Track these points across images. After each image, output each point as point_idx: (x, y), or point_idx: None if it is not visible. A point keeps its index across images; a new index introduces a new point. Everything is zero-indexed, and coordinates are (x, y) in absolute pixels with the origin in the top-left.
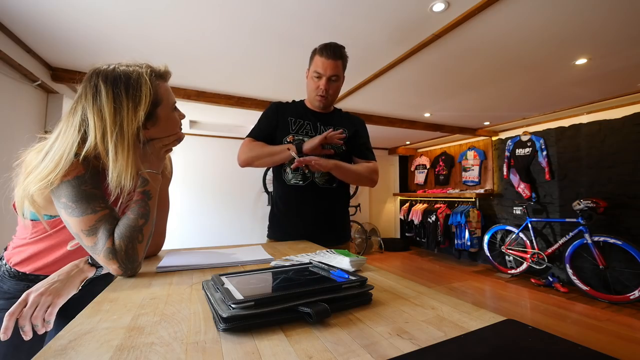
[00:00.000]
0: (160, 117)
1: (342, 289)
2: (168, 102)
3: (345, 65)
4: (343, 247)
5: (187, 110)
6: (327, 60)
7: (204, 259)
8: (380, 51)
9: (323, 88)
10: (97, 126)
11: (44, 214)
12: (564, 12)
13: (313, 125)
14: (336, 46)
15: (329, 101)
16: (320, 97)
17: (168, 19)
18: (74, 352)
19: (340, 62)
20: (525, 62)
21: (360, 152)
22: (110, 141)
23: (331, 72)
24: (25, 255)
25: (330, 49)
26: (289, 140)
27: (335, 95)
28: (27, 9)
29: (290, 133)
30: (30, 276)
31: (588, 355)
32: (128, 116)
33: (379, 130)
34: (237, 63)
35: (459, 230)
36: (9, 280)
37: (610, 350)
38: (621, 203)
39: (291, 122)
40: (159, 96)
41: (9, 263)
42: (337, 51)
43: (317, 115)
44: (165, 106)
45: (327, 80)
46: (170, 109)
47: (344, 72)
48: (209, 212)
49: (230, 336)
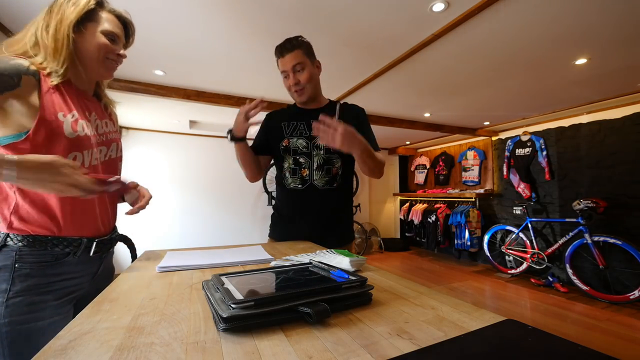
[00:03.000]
0: (88, 29)
1: (342, 289)
2: (102, 25)
3: (307, 50)
4: (345, 248)
5: (187, 110)
6: (283, 57)
7: (204, 259)
8: (380, 51)
9: (293, 82)
10: (39, 22)
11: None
12: (563, 12)
13: (306, 123)
14: (287, 40)
15: (308, 91)
16: (296, 91)
17: (168, 19)
18: (74, 352)
19: (299, 51)
20: (525, 62)
21: None
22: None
23: (291, 64)
24: (25, 209)
25: (282, 46)
26: (284, 145)
27: (311, 83)
28: (27, 9)
29: (284, 137)
30: (53, 239)
31: (588, 355)
32: (60, 6)
33: (379, 130)
34: (237, 63)
35: (459, 230)
36: (28, 253)
37: (610, 350)
38: (621, 203)
39: (284, 127)
40: (96, 14)
41: (13, 232)
42: (289, 44)
43: (309, 113)
44: (95, 24)
45: (292, 74)
46: (99, 30)
47: (313, 58)
48: (209, 212)
49: (230, 336)
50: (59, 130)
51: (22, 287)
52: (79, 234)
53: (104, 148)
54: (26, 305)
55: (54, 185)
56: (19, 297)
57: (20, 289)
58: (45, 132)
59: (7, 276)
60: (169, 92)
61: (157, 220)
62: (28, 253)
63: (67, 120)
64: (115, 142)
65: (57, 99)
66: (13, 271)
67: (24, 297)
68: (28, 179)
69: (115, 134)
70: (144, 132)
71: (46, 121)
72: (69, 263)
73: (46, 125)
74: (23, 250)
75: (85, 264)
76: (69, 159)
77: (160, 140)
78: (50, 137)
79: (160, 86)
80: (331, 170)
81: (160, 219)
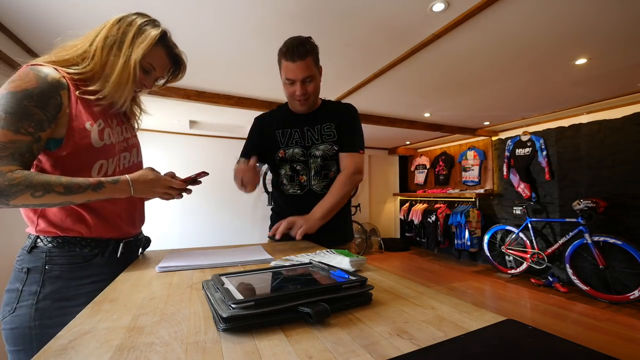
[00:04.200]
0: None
1: (342, 289)
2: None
3: (316, 58)
4: (344, 247)
5: (187, 110)
6: (295, 64)
7: (204, 259)
8: (380, 51)
9: (300, 93)
10: (102, 34)
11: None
12: (564, 12)
13: (300, 131)
14: (300, 43)
15: (311, 101)
16: (300, 102)
17: (167, 19)
18: (74, 352)
19: (311, 59)
20: (525, 62)
21: (342, 145)
22: (112, 47)
23: (303, 75)
24: (52, 211)
25: (295, 49)
26: (280, 156)
27: (316, 93)
28: (27, 9)
29: (280, 148)
30: (82, 240)
31: (588, 355)
32: (132, 39)
33: (379, 130)
34: (237, 63)
35: (459, 230)
36: (58, 254)
37: (610, 350)
38: (621, 203)
39: (279, 136)
40: (155, 56)
41: (43, 234)
42: (303, 49)
43: (302, 118)
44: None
45: (301, 85)
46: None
47: (319, 65)
48: (209, 212)
49: (230, 336)
50: (87, 140)
51: (52, 289)
52: (107, 235)
53: (127, 154)
54: (56, 309)
55: (157, 192)
56: (49, 300)
57: (50, 291)
58: (74, 142)
59: (37, 278)
60: (169, 92)
61: (157, 220)
62: (58, 254)
63: (94, 130)
64: (136, 147)
65: (84, 108)
66: (43, 273)
67: (53, 300)
68: (139, 191)
69: (135, 138)
70: (144, 132)
71: (75, 131)
72: (97, 264)
73: (75, 135)
74: (53, 252)
75: (113, 265)
76: (96, 167)
77: (160, 140)
78: (79, 146)
79: (160, 86)
80: (328, 174)
81: (161, 219)
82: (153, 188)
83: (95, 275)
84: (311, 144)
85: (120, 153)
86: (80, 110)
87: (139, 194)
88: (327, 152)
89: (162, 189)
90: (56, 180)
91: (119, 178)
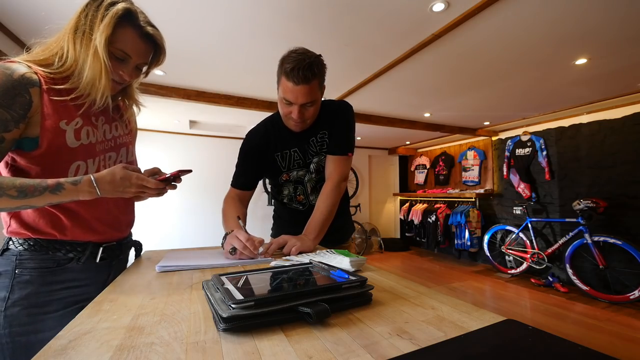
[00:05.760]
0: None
1: (342, 289)
2: (117, 41)
3: (322, 81)
4: (343, 247)
5: (187, 110)
6: (297, 87)
7: (204, 259)
8: (380, 51)
9: (296, 117)
10: (70, 25)
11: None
12: (564, 12)
13: (300, 150)
14: (307, 65)
15: (307, 125)
16: (295, 125)
17: (167, 19)
18: (74, 352)
19: (316, 83)
20: (525, 62)
21: (330, 148)
22: (83, 38)
23: (304, 100)
24: (26, 211)
25: (300, 71)
26: (284, 179)
27: (314, 116)
28: (27, 9)
29: (282, 172)
30: (55, 243)
31: (588, 355)
32: (98, 25)
33: (379, 130)
34: (237, 63)
35: (459, 230)
36: (28, 257)
37: (610, 350)
38: (621, 203)
39: (278, 159)
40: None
41: (14, 235)
42: (309, 72)
43: (298, 134)
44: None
45: (299, 108)
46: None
47: (323, 84)
48: (209, 212)
49: (230, 336)
50: (62, 140)
51: (22, 295)
52: (84, 239)
53: (113, 154)
54: (26, 316)
55: (127, 192)
56: (17, 307)
57: (19, 297)
58: (48, 142)
59: (7, 283)
60: (169, 92)
61: (157, 220)
62: (28, 258)
63: (70, 129)
64: (126, 147)
65: (60, 106)
66: (13, 277)
67: (23, 307)
68: (106, 191)
69: (126, 137)
70: (144, 132)
71: (47, 130)
72: (72, 269)
73: (48, 135)
74: (23, 255)
75: (92, 271)
76: (72, 169)
77: (161, 140)
78: (52, 147)
79: (160, 86)
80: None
81: (160, 219)
82: (123, 188)
83: (70, 281)
84: (310, 160)
85: (104, 153)
86: (55, 108)
87: (106, 194)
88: (321, 164)
89: (135, 189)
90: (9, 182)
91: (81, 178)
